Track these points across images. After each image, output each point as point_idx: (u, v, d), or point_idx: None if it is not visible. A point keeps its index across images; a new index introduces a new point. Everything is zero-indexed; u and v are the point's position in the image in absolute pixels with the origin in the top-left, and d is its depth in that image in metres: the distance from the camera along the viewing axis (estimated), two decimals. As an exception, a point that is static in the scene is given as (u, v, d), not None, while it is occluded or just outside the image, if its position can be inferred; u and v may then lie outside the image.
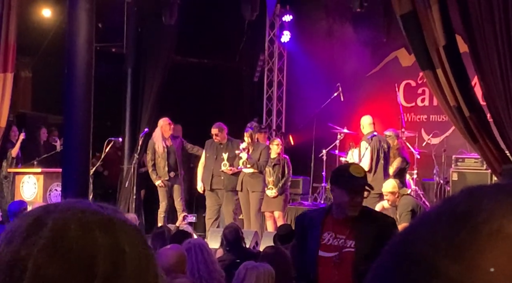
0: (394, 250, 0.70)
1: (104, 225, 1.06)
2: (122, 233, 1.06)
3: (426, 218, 0.70)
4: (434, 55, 9.17)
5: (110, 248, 1.03)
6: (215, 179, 11.81)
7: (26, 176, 12.06)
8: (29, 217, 1.07)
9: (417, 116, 14.49)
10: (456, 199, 0.70)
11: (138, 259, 1.05)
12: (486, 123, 9.17)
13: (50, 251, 1.01)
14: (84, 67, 7.45)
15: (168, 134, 12.27)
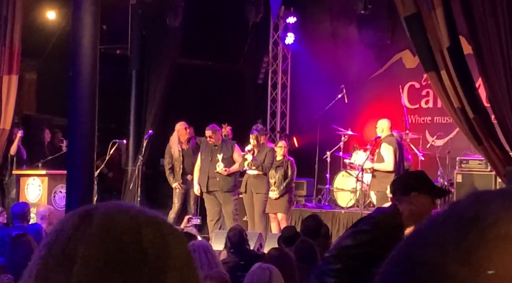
0: (401, 255, 0.70)
1: (151, 222, 1.07)
2: (167, 231, 1.07)
3: (433, 222, 0.71)
4: (438, 57, 9.18)
5: (157, 242, 1.04)
6: (211, 181, 11.82)
7: (30, 178, 12.07)
8: (77, 212, 1.09)
9: (421, 118, 14.47)
10: (463, 203, 0.71)
11: (181, 256, 1.06)
12: (490, 125, 9.17)
13: (97, 244, 1.03)
14: (88, 70, 7.46)
15: (184, 138, 12.34)
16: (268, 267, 4.65)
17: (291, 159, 12.06)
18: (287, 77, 16.26)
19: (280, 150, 11.88)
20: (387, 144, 11.05)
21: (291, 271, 5.84)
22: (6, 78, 11.85)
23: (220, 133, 11.93)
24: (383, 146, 11.06)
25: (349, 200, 12.72)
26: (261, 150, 11.71)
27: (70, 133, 7.91)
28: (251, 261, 6.44)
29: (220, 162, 11.68)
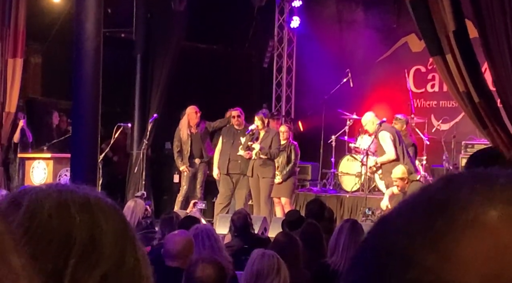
0: (371, 242, 0.70)
1: (80, 203, 1.07)
2: (99, 211, 1.08)
3: (402, 208, 0.70)
4: (443, 41, 9.13)
5: (86, 224, 1.05)
6: (231, 164, 11.88)
7: (36, 161, 12.09)
8: (7, 199, 1.09)
9: (426, 102, 14.44)
10: (434, 188, 0.69)
11: (115, 235, 1.07)
12: (496, 109, 9.14)
13: (25, 230, 1.03)
14: (92, 53, 7.45)
15: (194, 122, 12.36)
16: (274, 255, 4.65)
17: (294, 143, 12.04)
18: (292, 61, 16.22)
19: (282, 134, 11.87)
20: (383, 133, 11.07)
21: (297, 256, 5.84)
22: (11, 61, 11.85)
23: (243, 118, 11.99)
24: (380, 136, 11.06)
25: (354, 184, 12.72)
26: (267, 134, 11.70)
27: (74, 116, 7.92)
28: (255, 245, 6.45)
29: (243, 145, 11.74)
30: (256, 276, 4.52)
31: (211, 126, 12.61)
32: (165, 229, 7.61)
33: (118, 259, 1.05)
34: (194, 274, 4.22)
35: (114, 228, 1.08)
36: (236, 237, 7.96)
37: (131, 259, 1.07)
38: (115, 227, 1.08)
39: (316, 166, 13.85)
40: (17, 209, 1.06)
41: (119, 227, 1.09)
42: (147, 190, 12.77)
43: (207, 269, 4.23)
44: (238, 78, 15.69)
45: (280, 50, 16.24)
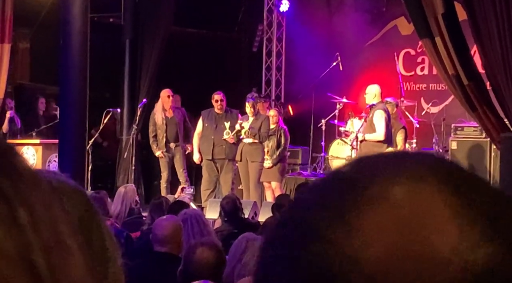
0: (283, 217, 0.72)
1: None
2: (62, 195, 1.07)
3: (315, 185, 0.72)
4: (432, 24, 9.11)
5: None
6: (216, 149, 11.80)
7: (24, 147, 12.04)
8: None
9: (416, 85, 14.44)
10: (346, 167, 0.72)
11: (79, 216, 1.06)
12: (485, 92, 9.14)
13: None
14: (79, 38, 7.41)
15: (168, 105, 12.26)
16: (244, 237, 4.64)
17: (284, 127, 12.02)
18: (282, 45, 16.18)
19: (272, 119, 11.84)
20: (381, 112, 10.90)
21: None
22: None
23: (225, 102, 11.92)
24: (376, 114, 10.88)
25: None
26: (257, 118, 11.68)
27: (62, 102, 7.88)
28: (245, 229, 6.45)
29: (228, 129, 11.66)
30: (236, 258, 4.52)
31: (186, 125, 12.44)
32: (155, 214, 7.60)
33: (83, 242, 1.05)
34: (193, 257, 4.21)
35: (78, 211, 1.07)
36: (226, 222, 7.96)
37: (97, 242, 1.08)
38: (79, 210, 1.07)
39: (306, 150, 13.85)
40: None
41: (84, 210, 1.08)
42: (136, 175, 12.74)
43: (206, 252, 4.23)
44: (227, 62, 15.64)
45: (270, 34, 16.20)
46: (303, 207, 0.70)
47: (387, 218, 0.65)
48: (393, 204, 0.65)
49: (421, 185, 0.66)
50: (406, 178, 0.67)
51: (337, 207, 0.66)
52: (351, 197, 0.66)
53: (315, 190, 0.71)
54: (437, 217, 0.65)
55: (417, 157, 0.71)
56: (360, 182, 0.68)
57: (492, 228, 0.65)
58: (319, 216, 0.66)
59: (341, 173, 0.71)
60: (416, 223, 0.64)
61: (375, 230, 0.64)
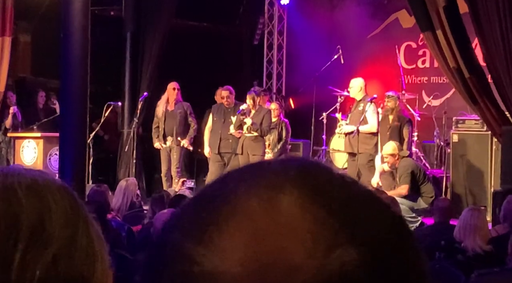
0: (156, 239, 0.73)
1: (27, 186, 1.07)
2: (47, 192, 1.07)
3: (183, 204, 0.73)
4: (434, 17, 9.12)
5: (34, 207, 1.05)
6: (223, 143, 11.82)
7: (26, 140, 12.04)
8: None
9: (417, 78, 14.42)
10: (209, 184, 0.72)
11: (65, 215, 1.06)
12: (486, 85, 9.15)
13: None
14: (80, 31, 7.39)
15: (172, 98, 12.25)
16: None
17: (285, 120, 12.03)
18: (283, 38, 16.17)
19: (273, 112, 11.84)
20: (373, 105, 11.12)
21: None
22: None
23: (233, 96, 11.92)
24: (369, 106, 11.07)
25: (345, 161, 12.71)
26: (258, 111, 11.67)
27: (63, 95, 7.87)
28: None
29: (234, 123, 11.67)
30: None
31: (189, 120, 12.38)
32: (156, 207, 7.61)
33: (69, 239, 1.05)
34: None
35: (64, 208, 1.07)
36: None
37: (83, 238, 1.07)
38: (65, 207, 1.07)
39: (307, 143, 13.84)
40: None
41: (69, 207, 1.08)
42: (138, 168, 12.74)
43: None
44: (229, 55, 15.63)
45: (271, 27, 16.18)
46: (170, 229, 0.70)
47: (244, 231, 0.65)
48: (250, 217, 0.66)
49: (278, 194, 0.67)
50: (263, 189, 0.67)
51: (197, 225, 0.67)
52: (209, 214, 0.67)
53: (180, 211, 0.72)
54: (293, 225, 0.65)
55: (278, 166, 0.71)
56: (217, 197, 0.68)
57: (349, 231, 0.65)
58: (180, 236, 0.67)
59: (204, 191, 0.71)
60: (272, 233, 0.65)
61: (232, 244, 0.65)
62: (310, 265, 0.64)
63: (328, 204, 0.67)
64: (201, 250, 0.65)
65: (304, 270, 0.63)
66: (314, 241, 0.64)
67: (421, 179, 10.18)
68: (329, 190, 0.68)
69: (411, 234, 0.70)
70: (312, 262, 0.64)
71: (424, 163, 12.17)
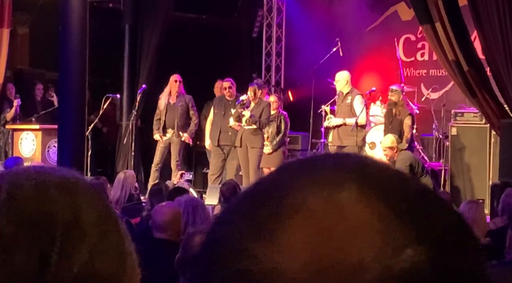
0: (207, 237, 0.71)
1: (59, 184, 1.07)
2: (78, 191, 1.08)
3: (235, 200, 0.71)
4: (433, 9, 9.11)
5: (67, 205, 1.05)
6: (222, 135, 11.83)
7: (24, 132, 12.04)
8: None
9: (416, 71, 14.41)
10: (265, 178, 0.71)
11: (97, 213, 1.07)
12: (485, 78, 9.14)
13: (5, 212, 1.03)
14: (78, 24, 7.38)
15: (174, 90, 12.22)
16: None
17: (284, 113, 12.02)
18: (281, 30, 16.14)
19: (272, 105, 11.83)
20: (360, 97, 11.21)
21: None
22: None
23: (235, 88, 11.92)
24: (357, 99, 11.17)
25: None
26: (258, 104, 11.66)
27: (61, 87, 7.87)
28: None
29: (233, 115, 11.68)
30: None
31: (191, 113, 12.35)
32: (154, 200, 7.60)
33: (102, 236, 1.06)
34: (192, 245, 4.21)
35: (95, 207, 1.08)
36: (225, 208, 7.96)
37: (114, 235, 1.08)
38: (96, 206, 1.08)
39: (306, 136, 13.83)
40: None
41: (100, 205, 1.09)
42: (136, 161, 12.74)
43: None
44: (227, 48, 15.61)
45: (270, 20, 16.16)
46: (222, 224, 0.69)
47: (306, 229, 0.63)
48: (312, 214, 0.64)
49: (339, 191, 0.65)
50: (324, 185, 0.65)
51: (256, 221, 0.65)
52: (268, 209, 0.65)
53: (233, 206, 0.69)
54: (359, 224, 0.63)
55: (335, 160, 0.69)
56: (276, 192, 0.66)
57: (416, 229, 0.64)
58: (238, 232, 0.65)
59: (260, 185, 0.69)
60: (335, 232, 0.63)
61: (294, 241, 0.63)
62: (377, 265, 0.62)
63: (392, 201, 0.65)
64: (261, 247, 0.63)
65: (371, 270, 0.62)
66: (382, 241, 0.63)
67: (420, 172, 10.18)
68: (389, 187, 0.67)
69: (472, 231, 0.69)
70: (380, 262, 0.62)
71: (422, 155, 12.17)
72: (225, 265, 0.65)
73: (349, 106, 11.24)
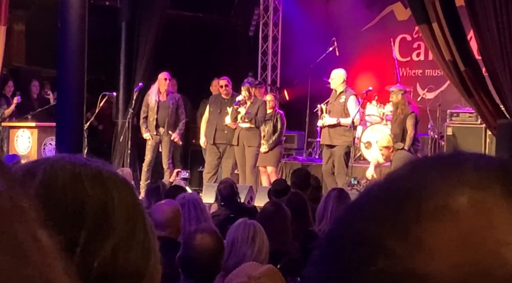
0: (336, 232, 0.68)
1: (92, 175, 1.09)
2: (111, 183, 1.10)
3: (369, 195, 0.68)
4: (430, 9, 9.11)
5: (98, 196, 1.07)
6: (218, 133, 11.82)
7: (20, 129, 12.03)
8: (21, 169, 1.10)
9: (412, 71, 14.44)
10: (400, 174, 0.68)
11: (126, 209, 1.09)
12: (481, 78, 9.15)
13: (39, 199, 1.02)
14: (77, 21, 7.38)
15: (163, 88, 12.18)
16: (252, 224, 4.64)
17: (280, 112, 12.04)
18: (278, 29, 16.16)
19: (268, 103, 11.84)
20: (354, 97, 11.23)
21: (286, 225, 5.84)
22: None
23: (231, 87, 11.91)
24: (350, 99, 11.17)
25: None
26: (254, 102, 11.67)
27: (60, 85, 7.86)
28: (242, 214, 6.45)
29: (230, 115, 11.67)
30: (230, 244, 4.52)
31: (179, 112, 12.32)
32: (152, 198, 7.61)
33: (128, 232, 1.08)
34: (193, 243, 4.22)
35: (126, 202, 1.10)
36: (223, 206, 7.97)
37: (141, 233, 1.10)
38: (126, 201, 1.10)
39: (302, 135, 13.86)
40: (32, 179, 1.07)
41: (131, 201, 1.11)
42: (132, 158, 12.73)
43: (206, 239, 4.23)
44: (224, 46, 15.62)
45: (266, 19, 16.17)
46: (359, 220, 0.66)
47: (451, 231, 0.62)
48: (457, 216, 0.62)
49: (484, 194, 0.63)
50: (468, 187, 0.63)
51: (398, 220, 0.63)
52: (412, 209, 0.63)
53: (370, 201, 0.67)
54: (505, 228, 0.62)
55: (475, 161, 0.67)
56: (420, 192, 0.64)
57: None
58: (380, 230, 0.63)
59: (396, 182, 0.67)
60: (482, 235, 0.61)
61: (439, 244, 0.61)
62: None
63: None
64: (406, 247, 0.61)
65: None
66: None
67: (416, 172, 10.20)
68: None
69: None
70: None
71: (418, 155, 12.19)
72: (362, 263, 0.63)
73: (343, 105, 11.25)
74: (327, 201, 6.21)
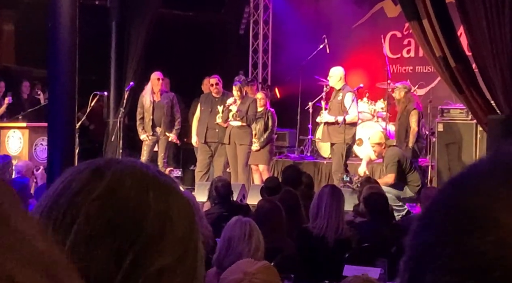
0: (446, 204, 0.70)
1: (159, 189, 1.06)
2: (174, 202, 1.06)
3: (478, 170, 0.70)
4: (420, 6, 9.13)
5: (159, 212, 1.04)
6: (209, 132, 11.82)
7: (11, 130, 12.00)
8: (91, 166, 1.08)
9: (402, 67, 14.48)
10: (508, 153, 0.70)
11: (183, 233, 1.06)
12: (472, 74, 9.17)
13: (102, 202, 1.02)
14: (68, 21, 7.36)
15: (157, 88, 12.18)
16: (248, 222, 4.64)
17: (271, 110, 12.04)
18: (268, 27, 16.16)
19: (259, 101, 11.85)
20: (352, 94, 11.23)
21: (280, 222, 5.85)
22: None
23: (221, 85, 11.91)
24: (348, 96, 11.18)
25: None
26: (244, 101, 11.68)
27: (51, 85, 7.84)
28: (235, 212, 6.46)
29: (221, 113, 11.66)
30: (227, 242, 4.52)
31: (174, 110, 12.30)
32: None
33: (179, 256, 1.04)
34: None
35: (184, 224, 1.06)
36: (216, 204, 7.97)
37: (190, 259, 1.06)
38: (184, 223, 1.06)
39: (294, 132, 13.87)
40: (99, 179, 1.04)
41: (188, 224, 1.07)
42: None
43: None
44: (214, 45, 15.60)
45: (256, 17, 16.17)
46: (471, 193, 0.67)
47: None
48: None
49: None
50: None
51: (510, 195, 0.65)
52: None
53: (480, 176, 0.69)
54: None
55: None
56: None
57: None
58: (494, 204, 0.65)
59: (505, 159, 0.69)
60: None
61: None
62: None
63: None
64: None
65: None
66: None
67: (408, 168, 10.24)
68: None
69: None
70: None
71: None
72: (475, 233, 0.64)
73: (340, 103, 11.26)
74: (320, 197, 6.22)
